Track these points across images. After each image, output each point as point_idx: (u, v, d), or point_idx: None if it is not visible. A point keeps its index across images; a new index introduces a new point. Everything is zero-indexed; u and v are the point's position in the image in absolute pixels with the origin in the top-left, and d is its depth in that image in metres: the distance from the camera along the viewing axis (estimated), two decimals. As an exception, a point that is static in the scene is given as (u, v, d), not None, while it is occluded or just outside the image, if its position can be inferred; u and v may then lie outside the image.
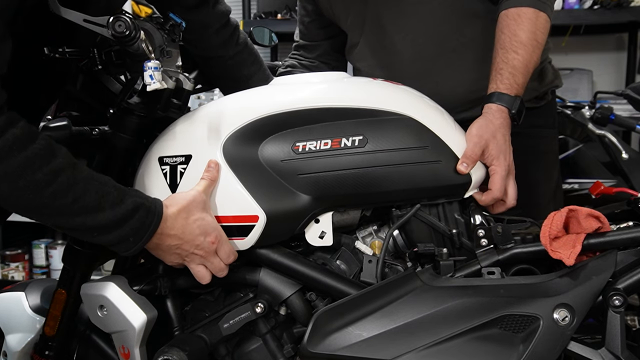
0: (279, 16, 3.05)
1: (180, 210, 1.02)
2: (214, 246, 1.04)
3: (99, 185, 0.96)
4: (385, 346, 0.99)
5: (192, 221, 1.02)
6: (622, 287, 0.97)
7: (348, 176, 1.05)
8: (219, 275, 1.07)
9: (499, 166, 1.12)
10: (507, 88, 1.18)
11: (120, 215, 0.96)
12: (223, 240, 1.05)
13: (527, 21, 1.21)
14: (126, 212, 0.97)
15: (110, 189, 0.97)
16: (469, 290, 1.00)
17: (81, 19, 1.00)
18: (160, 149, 1.11)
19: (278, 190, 1.05)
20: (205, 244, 1.03)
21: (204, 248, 1.04)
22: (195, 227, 1.02)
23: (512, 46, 1.20)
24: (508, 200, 1.14)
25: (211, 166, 1.05)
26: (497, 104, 1.18)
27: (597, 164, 2.31)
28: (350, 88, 1.15)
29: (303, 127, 1.07)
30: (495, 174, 1.12)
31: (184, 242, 1.03)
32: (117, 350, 1.14)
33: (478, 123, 1.15)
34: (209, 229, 1.04)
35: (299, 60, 1.69)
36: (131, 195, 0.99)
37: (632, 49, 3.02)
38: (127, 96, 1.12)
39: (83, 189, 0.94)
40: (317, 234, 1.08)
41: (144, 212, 0.98)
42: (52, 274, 3.07)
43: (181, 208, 1.02)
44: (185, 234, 1.02)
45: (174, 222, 1.01)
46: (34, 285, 1.34)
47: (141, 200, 0.99)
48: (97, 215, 0.95)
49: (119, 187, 0.99)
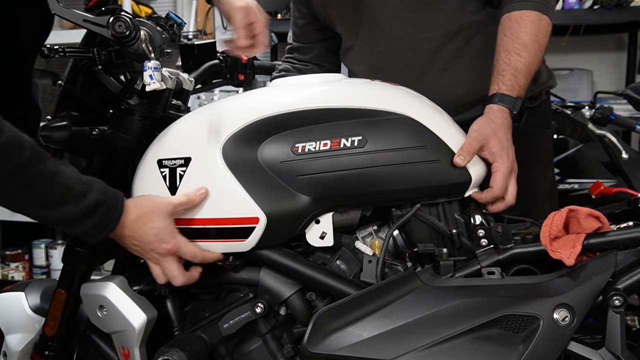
0: (279, 16, 3.04)
1: (140, 216, 1.03)
2: (169, 252, 1.05)
3: (64, 179, 0.96)
4: (385, 346, 0.99)
5: (149, 228, 1.03)
6: (622, 287, 0.97)
7: (348, 176, 1.05)
8: (173, 283, 1.08)
9: (502, 164, 1.12)
10: (509, 89, 1.19)
11: (82, 211, 0.97)
12: (181, 245, 1.06)
13: (529, 24, 1.22)
14: (88, 208, 0.97)
15: (75, 183, 0.97)
16: (469, 290, 1.00)
17: (81, 19, 1.00)
18: (159, 151, 1.11)
19: (278, 192, 1.05)
20: (160, 249, 1.05)
21: (159, 252, 1.05)
22: (151, 234, 1.04)
23: (515, 48, 1.21)
24: (507, 199, 1.13)
25: (201, 191, 1.05)
26: (499, 105, 1.18)
27: (597, 164, 2.31)
28: (348, 89, 1.15)
29: (302, 128, 1.07)
30: (497, 172, 1.12)
31: (139, 243, 1.05)
32: (117, 350, 1.14)
33: (479, 121, 1.16)
34: (167, 237, 1.04)
35: (292, 64, 1.69)
36: (94, 190, 0.99)
37: (632, 49, 3.02)
38: (127, 96, 1.12)
39: (49, 183, 0.95)
40: (317, 235, 1.08)
41: (104, 209, 0.99)
42: (52, 274, 3.06)
43: (141, 214, 1.03)
44: (140, 237, 1.04)
45: (131, 226, 1.03)
46: (34, 285, 1.34)
47: (103, 196, 1.00)
48: (60, 209, 0.96)
49: (84, 180, 0.99)
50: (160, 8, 3.30)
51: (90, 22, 1.01)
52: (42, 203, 0.96)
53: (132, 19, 1.00)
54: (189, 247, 1.06)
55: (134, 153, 1.16)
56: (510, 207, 1.14)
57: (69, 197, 0.96)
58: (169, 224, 1.05)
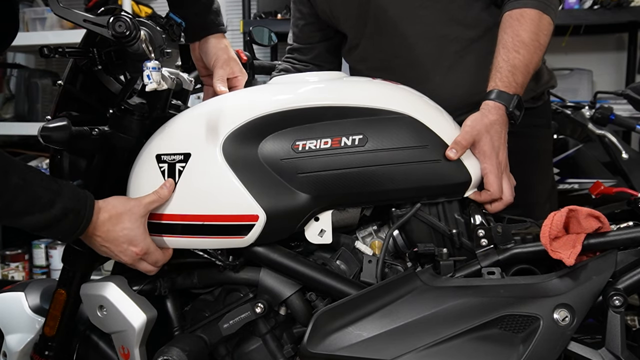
0: (279, 16, 3.04)
1: (111, 217, 1.04)
2: (138, 256, 1.06)
3: (29, 190, 0.97)
4: (385, 346, 0.99)
5: (119, 229, 1.04)
6: (622, 287, 0.97)
7: (348, 175, 1.05)
8: (147, 273, 1.10)
9: (491, 165, 1.11)
10: (506, 86, 1.18)
11: (49, 219, 0.98)
12: (150, 251, 1.07)
13: (530, 22, 1.22)
14: (55, 217, 0.98)
15: (41, 192, 0.98)
16: (469, 290, 1.00)
17: (81, 19, 1.00)
18: (157, 147, 1.11)
19: (278, 189, 1.05)
20: (129, 252, 1.06)
21: (128, 255, 1.06)
22: (121, 236, 1.05)
23: (514, 46, 1.20)
24: (505, 198, 1.13)
25: (166, 185, 1.07)
26: (495, 101, 1.17)
27: (597, 164, 2.31)
28: (350, 87, 1.15)
29: (303, 126, 1.07)
30: (488, 173, 1.11)
31: (108, 244, 1.05)
32: (117, 350, 1.14)
33: (473, 116, 1.15)
34: (136, 240, 1.05)
35: (292, 64, 1.68)
36: (62, 198, 0.99)
37: (632, 49, 3.02)
38: (127, 96, 1.12)
39: (12, 195, 0.95)
40: (316, 232, 1.08)
41: (72, 216, 1.00)
42: (52, 274, 3.06)
43: (112, 215, 1.04)
44: (109, 239, 1.05)
45: (101, 227, 1.04)
46: (34, 285, 1.34)
47: (72, 204, 1.00)
48: (25, 219, 0.97)
49: (52, 188, 0.99)
50: (160, 8, 3.30)
51: (90, 22, 1.01)
52: (7, 214, 0.97)
53: (132, 19, 1.00)
54: (156, 253, 1.08)
55: (134, 153, 1.16)
56: (509, 205, 1.14)
57: (34, 209, 0.97)
58: (140, 226, 1.06)
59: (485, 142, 1.11)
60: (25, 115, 2.93)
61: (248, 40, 1.97)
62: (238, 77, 1.26)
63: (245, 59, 1.72)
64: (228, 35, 1.33)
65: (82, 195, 1.02)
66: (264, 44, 2.02)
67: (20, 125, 2.85)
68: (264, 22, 2.96)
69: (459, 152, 1.08)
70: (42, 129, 1.06)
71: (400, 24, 1.42)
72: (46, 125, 1.06)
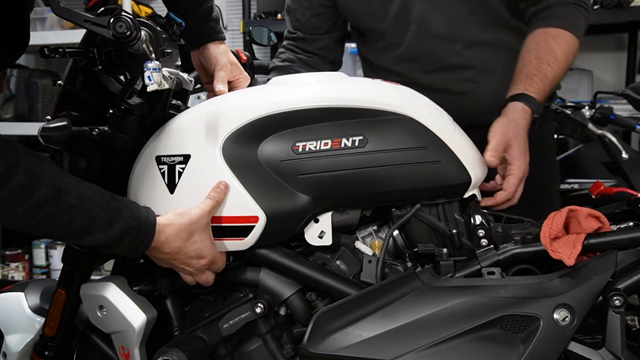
0: (279, 16, 3.04)
1: (181, 230, 1.01)
2: (205, 267, 1.05)
3: (86, 210, 0.94)
4: (385, 346, 0.99)
5: (190, 243, 1.02)
6: (622, 287, 0.97)
7: (348, 176, 1.05)
8: (206, 285, 1.09)
9: (520, 168, 1.17)
10: (535, 93, 1.23)
11: (109, 239, 0.96)
12: (216, 260, 1.06)
13: (564, 42, 1.31)
14: (115, 236, 0.96)
15: (99, 211, 0.95)
16: (469, 291, 1.00)
17: (81, 19, 1.00)
18: (157, 148, 1.11)
19: (278, 191, 1.05)
20: (197, 264, 1.04)
21: (195, 267, 1.05)
22: (191, 250, 1.02)
23: (548, 59, 1.27)
24: (514, 199, 1.17)
25: (220, 187, 1.04)
26: (524, 104, 1.21)
27: (597, 164, 2.31)
28: (350, 88, 1.15)
29: (303, 127, 1.07)
30: (514, 175, 1.16)
31: (176, 260, 1.04)
32: (117, 350, 1.14)
33: (502, 122, 1.19)
34: (205, 252, 1.04)
35: (296, 54, 1.65)
36: (122, 217, 0.97)
37: (632, 49, 3.02)
38: (127, 96, 1.12)
39: (68, 217, 0.92)
40: (316, 234, 1.08)
41: (134, 234, 0.98)
42: (52, 274, 3.06)
43: (182, 228, 1.01)
44: (179, 254, 1.03)
45: (171, 243, 1.01)
46: (34, 285, 1.34)
47: (132, 222, 0.97)
48: (84, 239, 0.96)
49: (110, 206, 0.96)
50: (160, 8, 3.30)
51: (90, 22, 1.01)
52: (64, 235, 0.95)
53: (133, 19, 1.00)
54: (220, 261, 1.07)
55: (134, 153, 1.16)
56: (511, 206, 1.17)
57: (93, 229, 0.94)
58: (207, 236, 1.04)
59: (516, 147, 1.17)
60: (25, 115, 2.93)
61: (248, 40, 1.97)
62: (239, 79, 1.26)
63: (245, 59, 1.71)
64: (228, 35, 1.33)
65: (144, 212, 1.00)
66: (264, 44, 2.02)
67: (20, 125, 2.85)
68: (263, 22, 2.96)
69: (497, 159, 1.14)
70: (42, 129, 1.06)
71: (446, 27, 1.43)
72: (46, 125, 1.06)
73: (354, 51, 2.64)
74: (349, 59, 2.71)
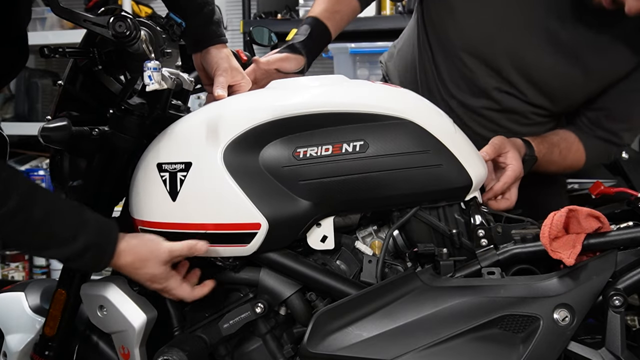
0: (279, 16, 3.04)
1: (134, 261, 1.04)
2: (161, 291, 1.08)
3: (50, 225, 0.98)
4: (385, 346, 0.99)
5: (142, 273, 1.05)
6: (622, 287, 0.97)
7: (349, 182, 1.05)
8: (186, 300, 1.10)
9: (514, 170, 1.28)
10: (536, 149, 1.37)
11: (69, 254, 0.99)
12: (172, 289, 1.07)
13: (575, 159, 1.49)
14: (77, 251, 0.99)
15: (64, 228, 0.98)
16: (469, 290, 1.00)
17: (81, 19, 1.00)
18: (158, 155, 1.11)
19: (279, 197, 1.05)
20: (152, 287, 1.08)
21: (151, 288, 1.08)
22: (144, 278, 1.06)
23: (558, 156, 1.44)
24: (511, 200, 1.28)
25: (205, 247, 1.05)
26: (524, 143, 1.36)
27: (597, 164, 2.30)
28: (350, 92, 1.14)
29: (304, 133, 1.06)
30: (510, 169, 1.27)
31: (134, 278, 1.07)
32: (117, 350, 1.14)
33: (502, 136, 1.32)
34: (159, 280, 1.06)
35: None
36: (86, 233, 0.99)
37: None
38: (127, 96, 1.12)
39: (34, 229, 0.96)
40: (318, 238, 1.08)
41: (94, 251, 1.00)
42: (52, 274, 3.06)
43: (136, 260, 1.04)
44: (130, 276, 1.07)
45: (124, 268, 1.05)
46: (34, 285, 1.34)
47: (95, 239, 1.00)
48: (45, 252, 1.00)
49: (75, 222, 1.00)
50: (160, 8, 3.30)
51: (90, 22, 1.01)
52: (29, 247, 1.01)
53: (133, 19, 1.00)
54: (179, 290, 1.08)
55: (134, 153, 1.16)
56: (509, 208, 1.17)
57: (53, 244, 0.98)
58: (164, 270, 1.06)
59: (511, 154, 1.29)
60: (25, 115, 2.93)
61: (248, 40, 1.97)
62: (241, 84, 1.26)
63: (245, 59, 1.71)
64: (228, 35, 1.32)
65: (107, 228, 1.02)
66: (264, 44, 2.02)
67: (20, 125, 2.85)
68: (264, 22, 2.96)
69: (491, 155, 1.25)
70: (42, 129, 1.06)
71: None
72: (46, 125, 1.06)
73: (354, 51, 2.64)
74: (349, 59, 2.70)
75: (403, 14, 2.65)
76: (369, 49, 2.61)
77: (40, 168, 2.92)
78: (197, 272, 1.12)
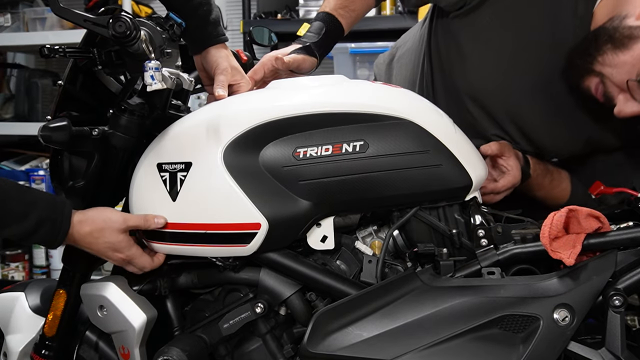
0: (279, 16, 3.04)
1: (92, 231, 1.05)
2: (124, 261, 1.08)
3: (1, 204, 0.98)
4: (385, 346, 0.99)
5: (101, 242, 1.06)
6: (622, 287, 0.97)
7: (350, 182, 1.05)
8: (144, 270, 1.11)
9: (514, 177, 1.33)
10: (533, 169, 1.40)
11: (25, 231, 1.00)
12: (135, 258, 1.08)
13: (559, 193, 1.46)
14: (31, 227, 1.00)
15: (14, 205, 0.99)
16: (469, 290, 1.00)
17: (81, 19, 1.00)
18: (158, 155, 1.11)
19: (279, 197, 1.05)
20: (115, 257, 1.08)
21: (114, 259, 1.08)
22: (102, 247, 1.06)
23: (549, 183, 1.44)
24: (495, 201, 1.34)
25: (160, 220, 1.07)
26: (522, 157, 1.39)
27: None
28: (350, 92, 1.14)
29: (304, 133, 1.06)
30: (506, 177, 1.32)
31: (95, 252, 1.08)
32: (117, 350, 1.15)
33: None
34: (120, 248, 1.07)
35: None
36: (36, 208, 1.00)
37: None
38: (127, 96, 1.12)
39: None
40: (319, 238, 1.08)
41: (49, 226, 1.01)
42: (52, 274, 3.06)
43: (93, 229, 1.05)
44: (92, 249, 1.07)
45: (83, 239, 1.05)
46: (34, 285, 1.34)
47: (46, 214, 1.01)
48: (3, 232, 1.00)
49: (28, 199, 1.01)
50: (160, 8, 3.30)
51: (90, 22, 1.01)
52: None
53: (133, 19, 1.00)
54: (142, 259, 1.09)
55: (134, 153, 1.16)
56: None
57: (9, 222, 0.99)
58: (123, 239, 1.07)
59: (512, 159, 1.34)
60: (25, 115, 2.92)
61: (248, 41, 1.97)
62: (241, 84, 1.26)
63: (245, 59, 1.71)
64: (228, 35, 1.32)
65: (59, 204, 1.03)
66: (264, 44, 2.02)
67: (20, 125, 2.85)
68: (264, 22, 2.96)
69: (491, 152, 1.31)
70: (42, 129, 1.06)
71: None
72: (46, 125, 1.06)
73: (354, 51, 2.64)
74: (349, 59, 2.70)
75: (403, 14, 2.65)
76: (369, 49, 2.61)
77: (40, 168, 2.92)
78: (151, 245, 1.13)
